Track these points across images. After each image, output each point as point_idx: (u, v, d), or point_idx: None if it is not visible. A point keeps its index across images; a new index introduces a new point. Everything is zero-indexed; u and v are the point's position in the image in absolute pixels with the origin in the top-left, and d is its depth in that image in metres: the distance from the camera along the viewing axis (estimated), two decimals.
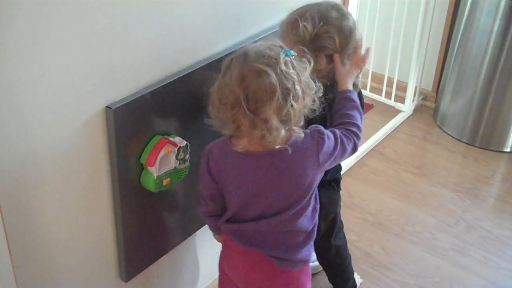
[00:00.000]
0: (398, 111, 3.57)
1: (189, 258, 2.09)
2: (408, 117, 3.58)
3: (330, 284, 2.33)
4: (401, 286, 2.43)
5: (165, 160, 1.67)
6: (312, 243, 1.76)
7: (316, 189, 1.68)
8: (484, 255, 2.59)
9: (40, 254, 1.53)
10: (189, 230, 1.97)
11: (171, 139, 1.66)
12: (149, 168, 1.63)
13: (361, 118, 1.74)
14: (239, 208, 1.66)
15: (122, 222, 1.67)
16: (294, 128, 1.52)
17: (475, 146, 3.33)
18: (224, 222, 1.72)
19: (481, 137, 3.33)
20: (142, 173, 1.65)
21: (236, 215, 1.69)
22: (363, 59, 1.82)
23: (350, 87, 1.78)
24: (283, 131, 1.49)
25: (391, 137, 3.38)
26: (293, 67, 1.48)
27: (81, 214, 1.59)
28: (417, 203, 2.85)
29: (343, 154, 1.67)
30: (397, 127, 3.48)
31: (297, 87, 1.47)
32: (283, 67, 1.46)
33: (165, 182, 1.68)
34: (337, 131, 1.65)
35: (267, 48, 1.49)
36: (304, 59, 1.53)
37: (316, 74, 1.62)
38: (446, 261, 2.54)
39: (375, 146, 3.27)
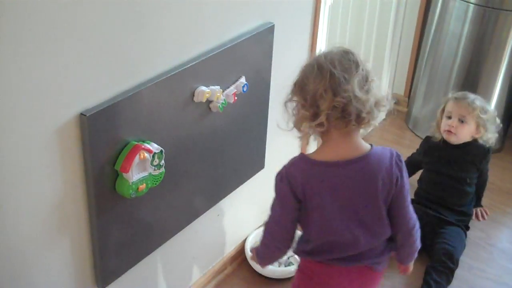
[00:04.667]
0: None
1: (166, 263, 2.09)
2: (381, 121, 3.62)
3: None
4: None
5: (140, 166, 1.67)
6: None
7: None
8: None
9: (14, 261, 1.53)
10: (165, 235, 1.98)
11: (146, 145, 1.67)
12: (124, 174, 1.64)
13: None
14: (325, 231, 1.67)
15: (98, 228, 1.68)
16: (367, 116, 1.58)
17: None
18: (310, 254, 1.74)
19: None
20: (117, 179, 1.66)
21: (325, 244, 1.70)
22: None
23: None
24: (371, 101, 1.56)
25: (364, 141, 3.41)
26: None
27: (56, 221, 1.59)
28: None
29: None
30: (370, 131, 3.51)
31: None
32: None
33: (140, 188, 1.69)
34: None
35: None
36: None
37: None
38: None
39: None
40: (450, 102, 2.65)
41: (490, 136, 2.62)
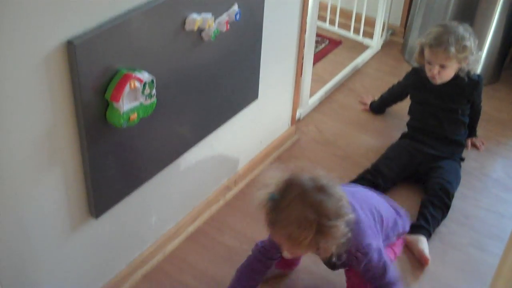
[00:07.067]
0: (366, 47, 3.57)
1: (159, 193, 2.09)
2: (377, 52, 3.58)
3: None
4: None
5: (131, 95, 1.65)
6: None
7: None
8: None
9: (7, 193, 1.53)
10: (158, 166, 1.98)
11: (136, 74, 1.64)
12: (114, 104, 1.62)
13: None
14: None
15: (89, 158, 1.67)
16: None
17: None
18: None
19: None
20: (108, 109, 1.64)
21: None
22: None
23: None
24: None
25: (360, 72, 3.39)
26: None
27: (46, 150, 1.57)
28: (386, 137, 2.87)
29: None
30: (365, 62, 3.48)
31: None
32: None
33: (131, 117, 1.66)
34: None
35: None
36: None
37: None
38: None
39: (344, 82, 3.28)
40: (426, 48, 2.55)
41: (473, 62, 2.57)
